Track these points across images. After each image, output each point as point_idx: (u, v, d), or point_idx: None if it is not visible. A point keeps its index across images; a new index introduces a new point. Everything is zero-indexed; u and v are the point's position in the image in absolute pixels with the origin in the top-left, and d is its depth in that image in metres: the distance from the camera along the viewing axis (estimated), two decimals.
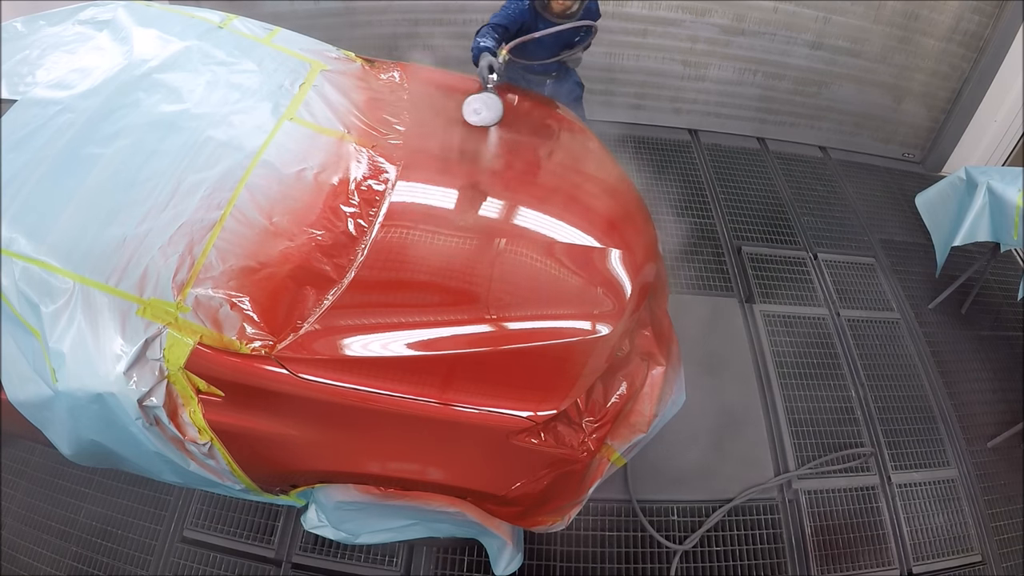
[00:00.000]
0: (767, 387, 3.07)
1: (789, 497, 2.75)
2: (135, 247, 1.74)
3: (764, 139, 4.53)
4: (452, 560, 2.45)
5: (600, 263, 2.08)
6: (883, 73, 4.27)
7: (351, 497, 1.87)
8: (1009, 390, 3.27)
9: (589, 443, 1.86)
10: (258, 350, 1.68)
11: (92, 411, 1.69)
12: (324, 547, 2.44)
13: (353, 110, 2.29)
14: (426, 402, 1.68)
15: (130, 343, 1.65)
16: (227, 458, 1.81)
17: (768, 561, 2.57)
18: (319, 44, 2.57)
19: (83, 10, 2.38)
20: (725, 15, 4.02)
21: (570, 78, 3.06)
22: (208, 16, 2.46)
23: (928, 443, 2.99)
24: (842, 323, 3.39)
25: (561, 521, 2.01)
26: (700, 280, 3.49)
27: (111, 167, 1.86)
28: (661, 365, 2.15)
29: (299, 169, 2.02)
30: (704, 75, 4.29)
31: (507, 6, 2.65)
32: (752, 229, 3.83)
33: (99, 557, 2.42)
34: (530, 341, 1.82)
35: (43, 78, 2.06)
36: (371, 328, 1.78)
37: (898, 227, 4.03)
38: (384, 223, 2.00)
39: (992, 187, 2.97)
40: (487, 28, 2.58)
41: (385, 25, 4.06)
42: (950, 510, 2.80)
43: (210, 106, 2.08)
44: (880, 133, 4.57)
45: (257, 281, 1.77)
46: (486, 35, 2.54)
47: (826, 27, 4.07)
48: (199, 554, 2.43)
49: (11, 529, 2.48)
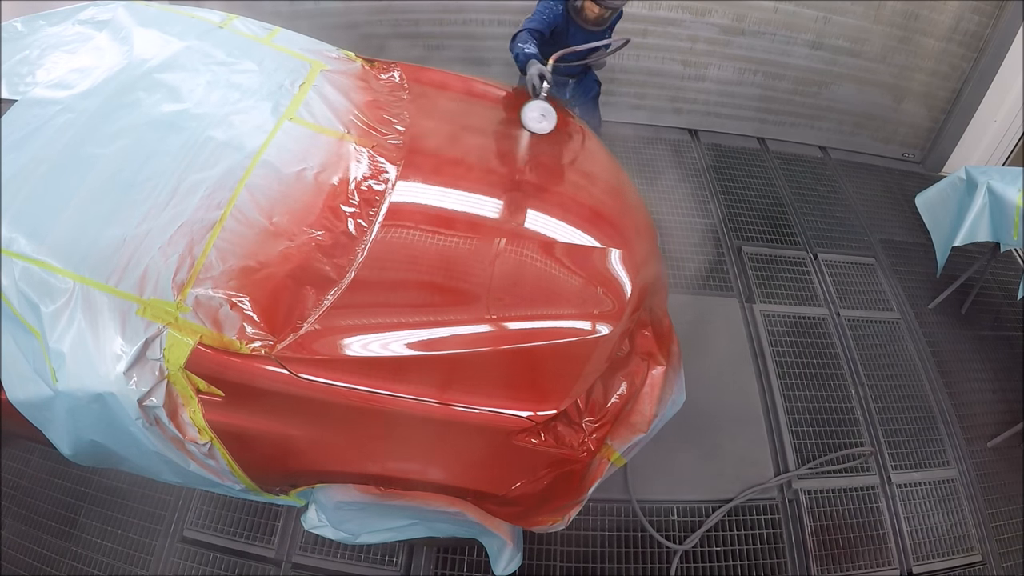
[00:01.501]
0: (767, 387, 3.07)
1: (789, 497, 2.75)
2: (135, 247, 1.74)
3: (764, 139, 4.53)
4: (452, 560, 2.45)
5: (600, 263, 2.08)
6: (883, 73, 4.27)
7: (351, 497, 1.87)
8: (1009, 390, 3.27)
9: (589, 443, 1.86)
10: (258, 350, 1.68)
11: (92, 411, 1.69)
12: (324, 547, 2.44)
13: (353, 110, 2.29)
14: (426, 402, 1.68)
15: (130, 343, 1.65)
16: (227, 458, 1.81)
17: (768, 561, 2.57)
18: (319, 44, 2.57)
19: (83, 10, 2.38)
20: (725, 15, 4.02)
21: (589, 77, 3.09)
22: (208, 16, 2.45)
23: (928, 443, 3.00)
24: (842, 323, 3.39)
25: (561, 521, 2.01)
26: (700, 280, 3.49)
27: (111, 167, 1.86)
28: (661, 365, 2.15)
29: (299, 169, 2.01)
30: (704, 75, 4.29)
31: (541, 10, 2.64)
32: (752, 229, 3.83)
33: (99, 557, 2.42)
34: (530, 341, 1.82)
35: (43, 78, 2.05)
36: (371, 328, 1.78)
37: (898, 227, 4.03)
38: (384, 223, 1.99)
39: (992, 187, 2.97)
40: (525, 34, 2.56)
41: (385, 25, 4.06)
42: (950, 510, 2.80)
43: (210, 106, 2.07)
44: (880, 133, 4.57)
45: (257, 281, 1.77)
46: (527, 41, 2.52)
47: (826, 27, 4.07)
48: (199, 554, 2.43)
49: (11, 529, 2.48)
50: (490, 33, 4.09)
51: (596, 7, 2.60)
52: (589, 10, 2.62)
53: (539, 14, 2.64)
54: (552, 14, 2.63)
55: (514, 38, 2.59)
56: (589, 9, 2.62)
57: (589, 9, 2.62)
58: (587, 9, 2.63)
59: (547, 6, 2.64)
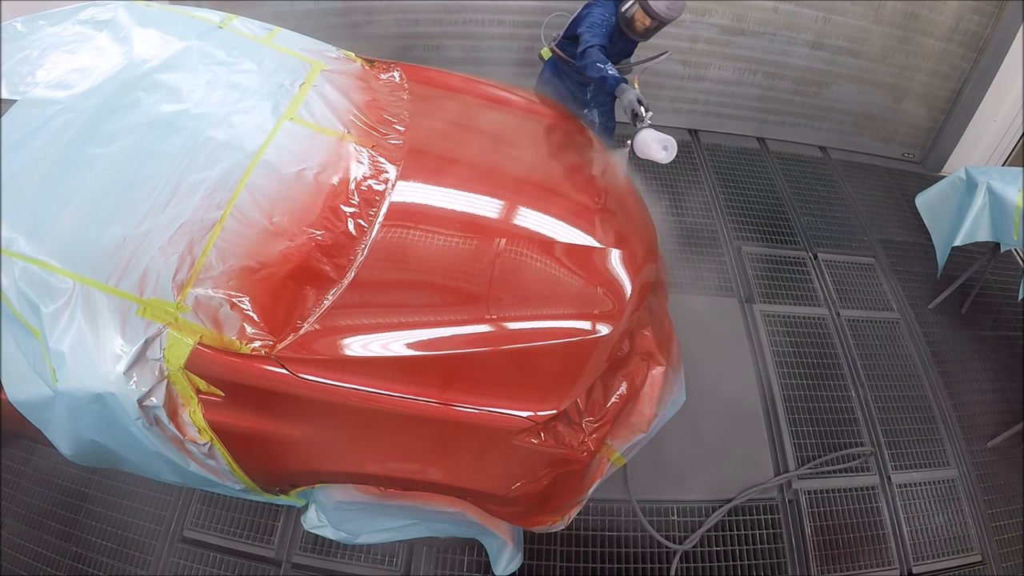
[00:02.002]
0: (767, 387, 3.07)
1: (789, 497, 2.75)
2: (135, 247, 1.74)
3: (764, 139, 4.53)
4: (452, 560, 2.45)
5: (600, 263, 2.08)
6: (883, 73, 4.27)
7: (351, 497, 1.87)
8: (1009, 390, 3.27)
9: (589, 443, 1.86)
10: (258, 350, 1.68)
11: (92, 411, 1.69)
12: (324, 547, 2.44)
13: (353, 110, 2.29)
14: (426, 402, 1.68)
15: (130, 343, 1.65)
16: (227, 458, 1.81)
17: (768, 561, 2.57)
18: (319, 44, 2.57)
19: (83, 10, 2.38)
20: (725, 15, 4.02)
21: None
22: (208, 16, 2.45)
23: (928, 443, 3.00)
24: (842, 323, 3.39)
25: (561, 521, 2.01)
26: (700, 280, 3.49)
27: (111, 167, 1.86)
28: (661, 365, 2.15)
29: (299, 169, 2.01)
30: (704, 75, 4.29)
31: (597, 24, 2.65)
32: (752, 229, 3.83)
33: (99, 557, 2.42)
34: (530, 341, 1.83)
35: (43, 78, 2.05)
36: (371, 328, 1.78)
37: (898, 227, 4.03)
38: (384, 223, 2.00)
39: (992, 187, 2.97)
40: (598, 52, 2.56)
41: (385, 25, 4.06)
42: (950, 510, 2.80)
43: (210, 106, 2.07)
44: (880, 133, 4.57)
45: (257, 281, 1.77)
46: (606, 61, 2.52)
47: (826, 27, 4.07)
48: (199, 554, 2.43)
49: (11, 529, 2.48)
50: (490, 33, 4.09)
51: (648, 19, 2.64)
52: (640, 22, 2.67)
53: (598, 27, 2.65)
54: (609, 26, 2.68)
55: (583, 55, 2.58)
56: (640, 21, 2.66)
57: (640, 21, 2.66)
58: (638, 21, 2.67)
59: (602, 18, 2.67)
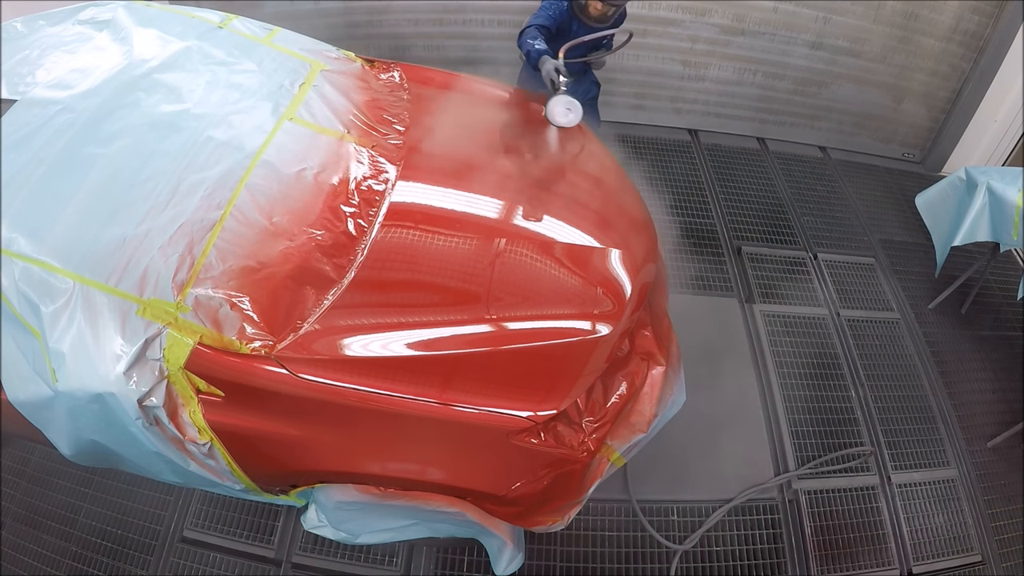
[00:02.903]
0: (767, 387, 3.07)
1: (789, 497, 2.75)
2: (135, 247, 1.74)
3: (764, 139, 4.53)
4: (452, 560, 2.45)
5: (600, 263, 2.08)
6: (883, 73, 4.27)
7: (351, 497, 1.87)
8: (1009, 390, 3.27)
9: (589, 443, 1.86)
10: (258, 350, 1.68)
11: (92, 411, 1.69)
12: (324, 547, 2.44)
13: (353, 110, 2.29)
14: (426, 402, 1.68)
15: (130, 343, 1.65)
16: (227, 458, 1.81)
17: (768, 561, 2.57)
18: (319, 44, 2.57)
19: (83, 10, 2.38)
20: (725, 15, 4.02)
21: (588, 78, 3.09)
22: (208, 16, 2.45)
23: (928, 443, 3.00)
24: (842, 323, 3.39)
25: (561, 521, 2.01)
26: (700, 280, 3.49)
27: (111, 167, 1.86)
28: (661, 365, 2.15)
29: (299, 169, 2.01)
30: (704, 75, 4.29)
31: (547, 7, 2.67)
32: (752, 229, 3.83)
33: (99, 557, 2.42)
34: (530, 341, 1.82)
35: (43, 78, 2.05)
36: (371, 328, 1.78)
37: (898, 227, 4.03)
38: (384, 223, 2.00)
39: (992, 187, 2.97)
40: (533, 30, 2.59)
41: (385, 25, 4.06)
42: (950, 510, 2.80)
43: (210, 106, 2.07)
44: (880, 133, 4.57)
45: (257, 281, 1.77)
46: (536, 37, 2.55)
47: (826, 27, 4.07)
48: (199, 554, 2.43)
49: (11, 529, 2.48)
50: (490, 33, 4.09)
51: (599, 3, 2.63)
52: (592, 7, 2.65)
53: (544, 11, 2.67)
54: (557, 11, 2.66)
55: (521, 34, 2.61)
56: (592, 6, 2.65)
57: (592, 6, 2.65)
58: (590, 6, 2.65)
59: (552, 3, 2.67)
